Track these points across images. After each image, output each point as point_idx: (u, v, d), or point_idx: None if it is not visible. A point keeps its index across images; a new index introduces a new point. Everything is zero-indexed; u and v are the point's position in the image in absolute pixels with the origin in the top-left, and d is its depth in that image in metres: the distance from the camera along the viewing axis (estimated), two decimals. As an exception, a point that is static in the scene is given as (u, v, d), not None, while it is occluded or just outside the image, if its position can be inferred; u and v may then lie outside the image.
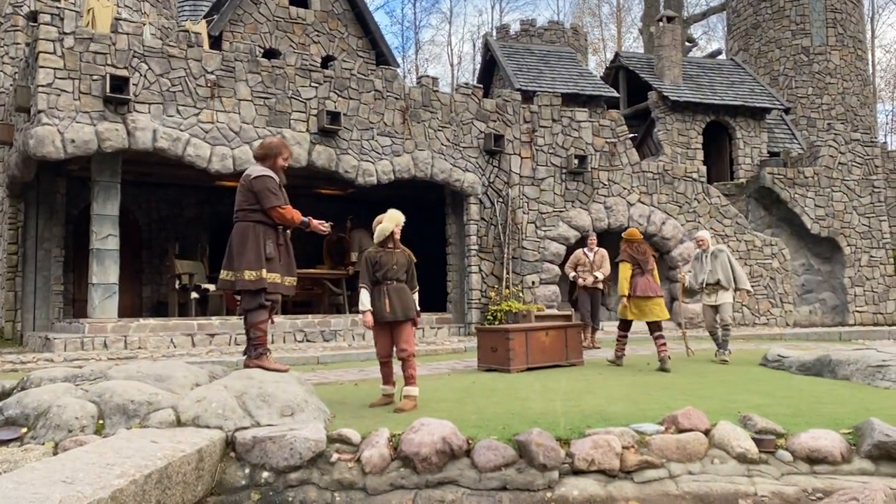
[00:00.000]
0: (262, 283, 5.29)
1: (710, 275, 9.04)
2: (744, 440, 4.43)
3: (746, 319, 15.88)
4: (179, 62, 11.18)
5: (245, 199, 5.38)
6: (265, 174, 5.40)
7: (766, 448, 4.43)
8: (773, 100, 20.24)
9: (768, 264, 16.25)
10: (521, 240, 13.94)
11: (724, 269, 9.00)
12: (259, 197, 5.32)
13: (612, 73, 21.53)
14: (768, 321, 16.04)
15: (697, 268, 9.26)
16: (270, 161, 5.48)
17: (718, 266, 9.02)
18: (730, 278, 9.01)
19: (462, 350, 10.93)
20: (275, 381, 4.91)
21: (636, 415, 4.99)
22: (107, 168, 10.92)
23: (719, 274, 8.98)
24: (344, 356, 9.99)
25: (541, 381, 7.16)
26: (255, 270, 5.26)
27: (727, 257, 9.08)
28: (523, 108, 14.45)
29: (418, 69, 42.70)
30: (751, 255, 16.13)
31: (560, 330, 8.78)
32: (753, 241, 16.22)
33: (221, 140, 11.30)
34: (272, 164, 5.48)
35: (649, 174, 15.37)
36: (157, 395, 4.63)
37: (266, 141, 5.60)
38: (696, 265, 9.29)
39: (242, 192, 5.41)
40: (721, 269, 9.00)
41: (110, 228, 10.81)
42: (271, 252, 5.34)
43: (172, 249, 13.63)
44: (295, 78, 12.10)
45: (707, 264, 9.11)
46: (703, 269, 9.14)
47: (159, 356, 9.40)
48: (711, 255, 9.14)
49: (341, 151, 12.29)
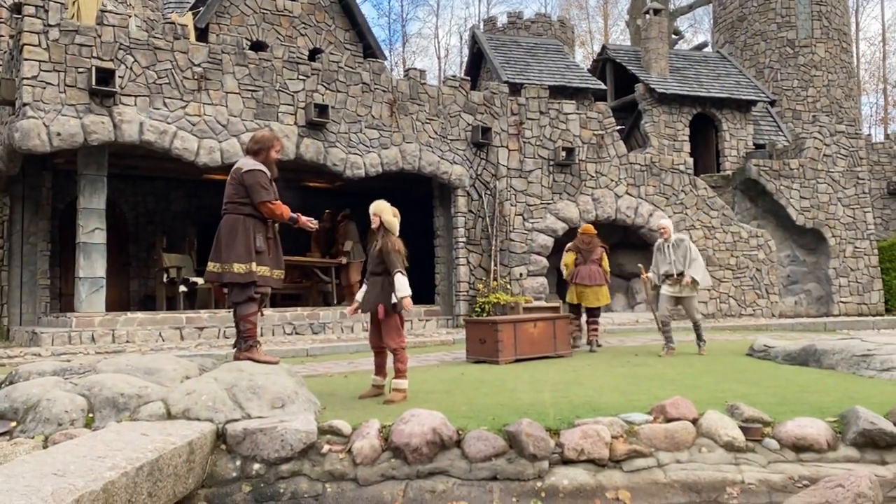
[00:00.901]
0: (252, 277, 5.30)
1: (673, 266, 8.64)
2: (731, 429, 4.48)
3: (733, 310, 16.00)
4: (166, 54, 11.10)
5: (235, 192, 5.37)
6: (257, 168, 5.39)
7: (752, 436, 4.47)
8: (758, 92, 20.35)
9: (754, 256, 16.35)
10: (509, 232, 13.96)
11: (687, 259, 8.60)
12: (250, 191, 5.32)
13: (600, 66, 21.56)
14: (754, 312, 16.16)
15: (660, 259, 8.81)
16: (263, 154, 5.48)
17: (681, 256, 8.62)
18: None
19: (451, 342, 10.96)
20: (265, 374, 4.91)
21: (625, 405, 5.02)
22: (93, 161, 10.84)
23: (682, 264, 8.58)
24: (333, 348, 10.01)
25: (529, 373, 7.19)
26: (244, 263, 5.27)
27: (688, 246, 8.67)
28: (511, 101, 14.45)
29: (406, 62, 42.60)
30: (737, 246, 16.23)
31: (548, 322, 8.82)
32: (740, 232, 16.32)
33: (209, 133, 11.25)
34: (264, 158, 5.48)
35: (637, 166, 15.42)
36: (147, 388, 4.62)
37: (258, 134, 5.59)
38: (659, 256, 8.85)
39: (233, 185, 5.40)
40: (684, 259, 8.60)
41: (97, 222, 10.74)
42: (261, 245, 5.35)
43: (160, 243, 13.56)
44: (282, 70, 12.05)
45: (669, 254, 8.69)
46: (666, 259, 8.72)
47: (148, 350, 9.37)
48: (673, 244, 8.72)
49: (329, 144, 12.26)
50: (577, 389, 5.91)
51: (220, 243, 5.34)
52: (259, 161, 5.46)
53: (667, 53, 20.23)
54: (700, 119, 19.99)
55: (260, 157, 5.47)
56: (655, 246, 8.97)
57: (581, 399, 5.36)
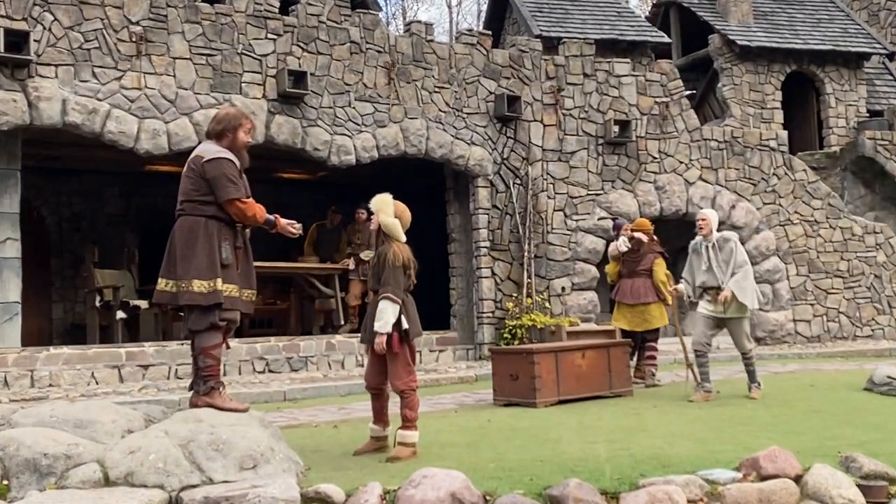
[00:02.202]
0: (217, 298, 5.28)
1: (711, 276, 8.33)
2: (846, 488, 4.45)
3: (845, 331, 15.89)
4: (95, 10, 11.18)
5: (195, 188, 5.39)
6: (222, 156, 5.42)
7: (875, 497, 4.45)
8: (872, 42, 20.23)
9: (871, 258, 16.24)
10: (547, 233, 13.94)
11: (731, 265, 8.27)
12: (213, 185, 5.33)
13: (661, 12, 21.51)
14: (873, 332, 16.04)
15: (696, 264, 8.51)
16: (228, 138, 5.51)
17: (724, 262, 8.30)
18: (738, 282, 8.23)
19: (472, 379, 10.95)
20: (231, 425, 4.92)
21: (704, 458, 5.01)
22: (3, 151, 10.92)
23: (726, 273, 8.26)
24: (318, 390, 10.02)
25: (577, 418, 7.18)
26: (206, 280, 5.26)
27: (734, 248, 8.33)
28: (545, 61, 14.44)
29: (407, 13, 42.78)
30: (848, 246, 16.12)
31: (600, 350, 8.80)
32: (852, 227, 16.21)
33: (152, 111, 11.31)
34: (230, 143, 5.51)
35: (713, 143, 15.37)
36: (78, 447, 4.63)
37: (221, 112, 5.65)
38: (695, 260, 8.54)
39: (191, 178, 5.42)
40: (727, 266, 8.28)
41: (9, 230, 10.81)
42: (227, 257, 5.36)
43: (91, 256, 13.62)
44: (246, 28, 12.12)
45: (711, 258, 8.37)
46: (704, 264, 8.40)
47: (78, 395, 9.41)
48: (715, 245, 8.42)
49: (308, 123, 12.30)
50: (642, 438, 5.90)
51: (173, 254, 5.35)
52: (223, 147, 5.49)
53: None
54: (795, 79, 19.89)
55: (224, 141, 5.51)
56: (690, 246, 8.71)
57: (646, 451, 5.35)
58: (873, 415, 6.77)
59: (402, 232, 5.79)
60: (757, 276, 15.10)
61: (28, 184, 12.40)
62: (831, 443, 5.43)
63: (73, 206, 15.16)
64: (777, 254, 15.45)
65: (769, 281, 15.28)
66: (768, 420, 6.64)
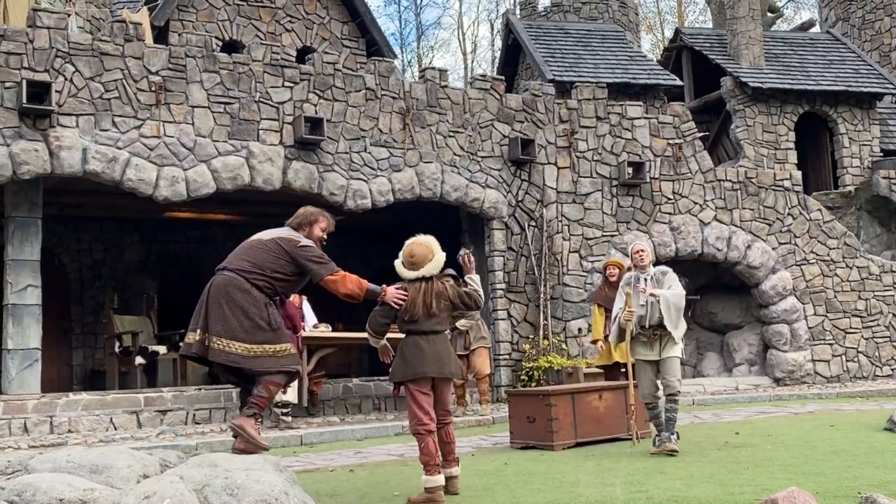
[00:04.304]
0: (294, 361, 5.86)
1: (651, 311, 7.52)
2: (868, 530, 4.37)
3: (864, 370, 15.72)
4: (115, 61, 11.35)
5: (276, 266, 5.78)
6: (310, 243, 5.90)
7: (897, 539, 4.36)
8: (884, 83, 20.24)
9: (889, 297, 16.10)
10: (562, 275, 13.92)
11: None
12: (307, 268, 5.78)
13: (673, 56, 21.63)
14: (893, 372, 15.86)
15: (632, 300, 7.64)
16: (305, 230, 5.99)
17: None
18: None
19: (489, 422, 10.91)
20: (246, 470, 4.89)
21: (723, 500, 4.99)
22: (24, 200, 11.04)
23: (663, 310, 7.48)
24: (335, 434, 9.99)
25: (595, 461, 7.14)
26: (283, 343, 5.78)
27: (674, 282, 7.69)
28: (558, 105, 14.53)
29: (421, 60, 43.19)
30: (866, 285, 16.00)
31: (618, 392, 8.73)
32: (868, 266, 16.11)
33: (171, 159, 11.42)
34: (307, 235, 5.98)
35: (727, 184, 15.36)
36: (94, 492, 4.62)
37: (302, 209, 6.13)
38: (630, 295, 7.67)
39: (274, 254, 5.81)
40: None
41: (30, 278, 10.89)
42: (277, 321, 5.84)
43: (110, 302, 13.73)
44: (263, 76, 12.26)
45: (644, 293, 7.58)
46: (640, 299, 7.60)
47: (95, 441, 9.41)
48: (652, 278, 7.68)
49: (325, 168, 12.39)
50: (660, 480, 5.86)
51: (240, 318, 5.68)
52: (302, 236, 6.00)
53: (761, 37, 20.27)
54: (808, 120, 19.91)
55: (302, 232, 5.98)
56: (623, 280, 7.99)
57: (665, 493, 5.32)
58: (894, 455, 6.70)
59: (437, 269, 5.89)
60: (774, 315, 15.10)
61: (49, 231, 12.52)
62: (851, 483, 5.38)
63: (93, 253, 15.27)
64: (794, 293, 15.34)
65: (787, 321, 15.16)
66: (787, 461, 6.58)
